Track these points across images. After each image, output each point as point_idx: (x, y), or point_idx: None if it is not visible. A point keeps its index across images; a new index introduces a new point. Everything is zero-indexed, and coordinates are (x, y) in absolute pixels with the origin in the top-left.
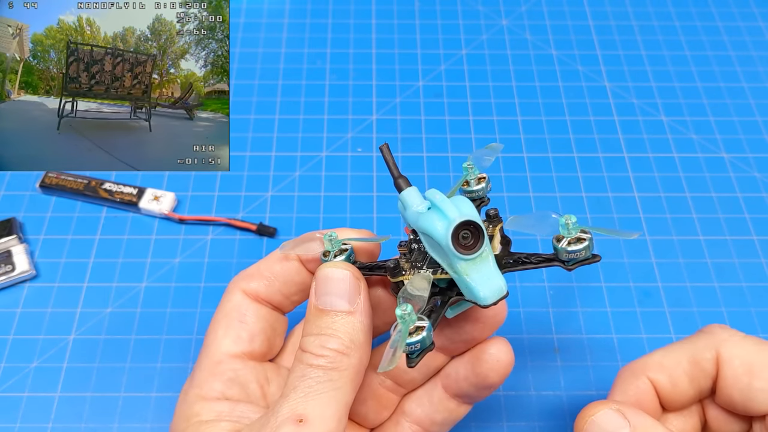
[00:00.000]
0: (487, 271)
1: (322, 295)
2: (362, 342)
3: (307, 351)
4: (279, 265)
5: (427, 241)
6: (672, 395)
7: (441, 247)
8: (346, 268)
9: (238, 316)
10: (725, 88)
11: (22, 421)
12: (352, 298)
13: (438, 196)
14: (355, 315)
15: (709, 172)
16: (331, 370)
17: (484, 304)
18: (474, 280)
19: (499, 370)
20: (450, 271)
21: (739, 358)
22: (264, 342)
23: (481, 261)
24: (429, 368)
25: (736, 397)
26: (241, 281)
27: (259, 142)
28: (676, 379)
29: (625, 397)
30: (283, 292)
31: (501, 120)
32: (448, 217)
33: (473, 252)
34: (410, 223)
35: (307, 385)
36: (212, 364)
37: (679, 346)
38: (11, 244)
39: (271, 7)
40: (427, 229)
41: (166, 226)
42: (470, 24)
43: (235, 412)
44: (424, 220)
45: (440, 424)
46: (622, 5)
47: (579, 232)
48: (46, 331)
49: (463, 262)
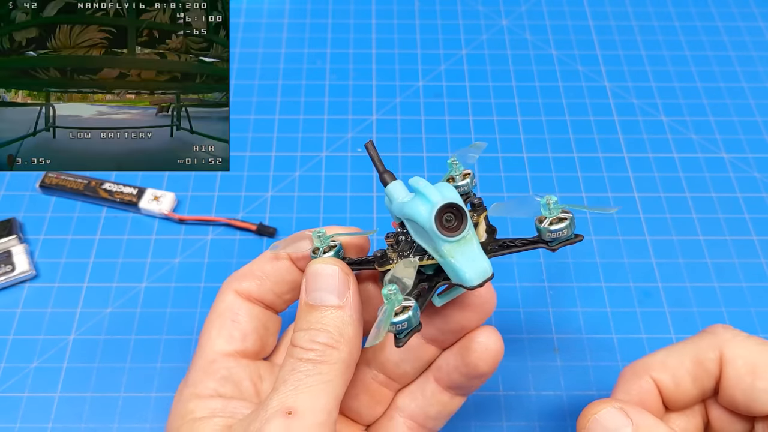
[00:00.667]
0: (472, 253)
1: (311, 291)
2: (352, 336)
3: (297, 345)
4: (270, 265)
5: (413, 227)
6: (675, 395)
7: (425, 231)
8: (335, 263)
9: (230, 315)
10: (725, 88)
11: (22, 421)
12: (341, 292)
13: (421, 183)
14: (345, 309)
15: (709, 172)
16: (320, 364)
17: (470, 285)
18: (459, 262)
19: (488, 359)
20: (436, 256)
21: (743, 359)
22: (257, 340)
23: (466, 243)
24: (421, 361)
25: (739, 398)
26: (234, 282)
27: (259, 142)
28: (680, 379)
29: (628, 397)
30: (274, 291)
31: (501, 120)
32: (431, 201)
33: (457, 234)
34: (396, 214)
35: (296, 379)
36: (206, 363)
37: (681, 346)
38: (11, 244)
39: (271, 7)
40: (412, 215)
41: (166, 226)
42: (470, 24)
43: (228, 409)
44: (408, 206)
45: (434, 418)
46: (622, 5)
47: (560, 212)
48: (46, 331)
49: (448, 244)
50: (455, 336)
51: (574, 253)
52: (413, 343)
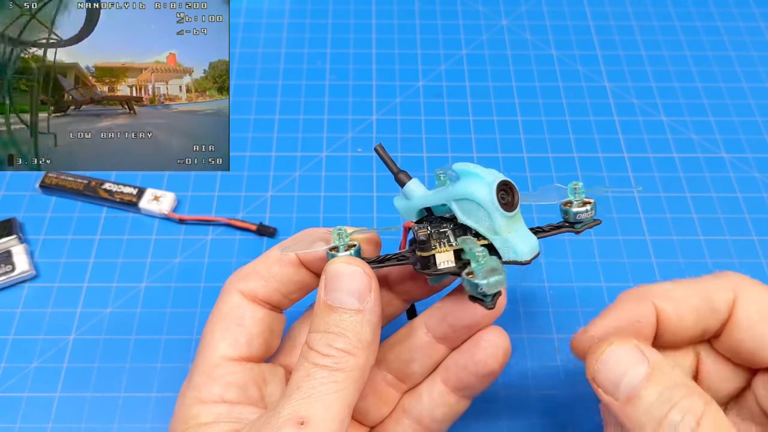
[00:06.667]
0: (523, 230)
1: (331, 291)
2: (370, 341)
3: (314, 349)
4: (277, 265)
5: (464, 208)
6: (674, 329)
7: (482, 209)
8: (357, 264)
9: (235, 319)
10: (725, 88)
11: (22, 421)
12: (362, 295)
13: (470, 165)
14: (365, 313)
15: (709, 172)
16: (336, 371)
17: (524, 259)
18: (513, 238)
19: (498, 356)
20: (488, 234)
21: (757, 305)
22: (262, 345)
23: (517, 220)
24: (431, 360)
25: (746, 343)
26: (239, 281)
27: (259, 142)
28: (683, 313)
29: (620, 321)
30: (281, 291)
31: (501, 120)
32: (488, 179)
33: (513, 209)
34: (423, 206)
35: (310, 386)
36: (210, 367)
37: (691, 281)
38: (11, 244)
39: (271, 7)
40: (469, 194)
41: (166, 226)
42: (470, 24)
43: (234, 414)
44: (461, 187)
45: (440, 420)
46: (622, 5)
47: (584, 197)
48: (46, 331)
49: (505, 219)
50: (467, 333)
51: (574, 252)
52: (424, 341)
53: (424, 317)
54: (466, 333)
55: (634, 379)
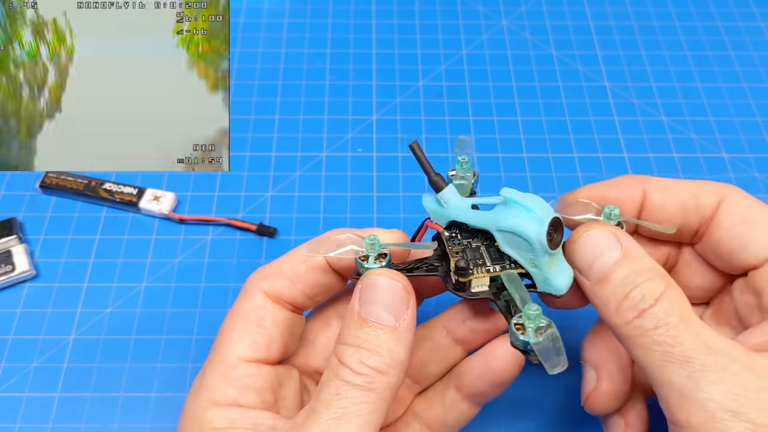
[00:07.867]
0: (562, 264)
1: (366, 302)
2: (403, 360)
3: (345, 364)
4: (304, 266)
5: (507, 238)
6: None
7: (528, 244)
8: (398, 279)
9: (256, 320)
10: (725, 88)
11: (22, 421)
12: (399, 312)
13: (519, 194)
14: (400, 332)
15: (710, 173)
16: (368, 391)
17: (559, 294)
18: (554, 272)
19: (514, 364)
20: (528, 266)
21: (742, 208)
22: (281, 347)
23: (558, 254)
24: (447, 362)
25: (725, 242)
26: (263, 281)
27: (259, 142)
28: (669, 205)
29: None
30: (306, 293)
31: (501, 120)
32: (538, 214)
33: (558, 247)
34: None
35: (341, 406)
36: (226, 367)
37: (684, 181)
38: (11, 244)
39: (271, 7)
40: (515, 228)
41: (166, 226)
42: (470, 24)
43: (249, 419)
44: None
45: (451, 426)
46: (622, 5)
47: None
48: (46, 331)
49: (548, 256)
50: (485, 337)
51: None
52: (443, 344)
53: (442, 319)
54: (484, 337)
55: (607, 262)
